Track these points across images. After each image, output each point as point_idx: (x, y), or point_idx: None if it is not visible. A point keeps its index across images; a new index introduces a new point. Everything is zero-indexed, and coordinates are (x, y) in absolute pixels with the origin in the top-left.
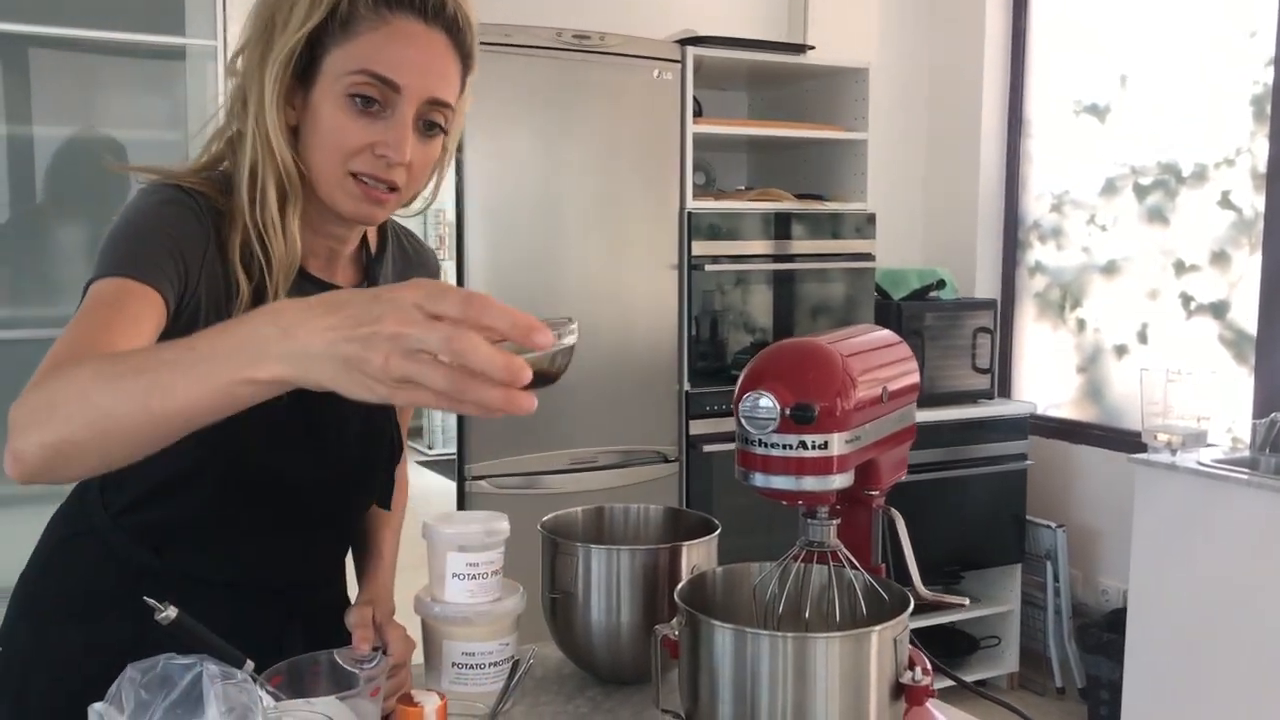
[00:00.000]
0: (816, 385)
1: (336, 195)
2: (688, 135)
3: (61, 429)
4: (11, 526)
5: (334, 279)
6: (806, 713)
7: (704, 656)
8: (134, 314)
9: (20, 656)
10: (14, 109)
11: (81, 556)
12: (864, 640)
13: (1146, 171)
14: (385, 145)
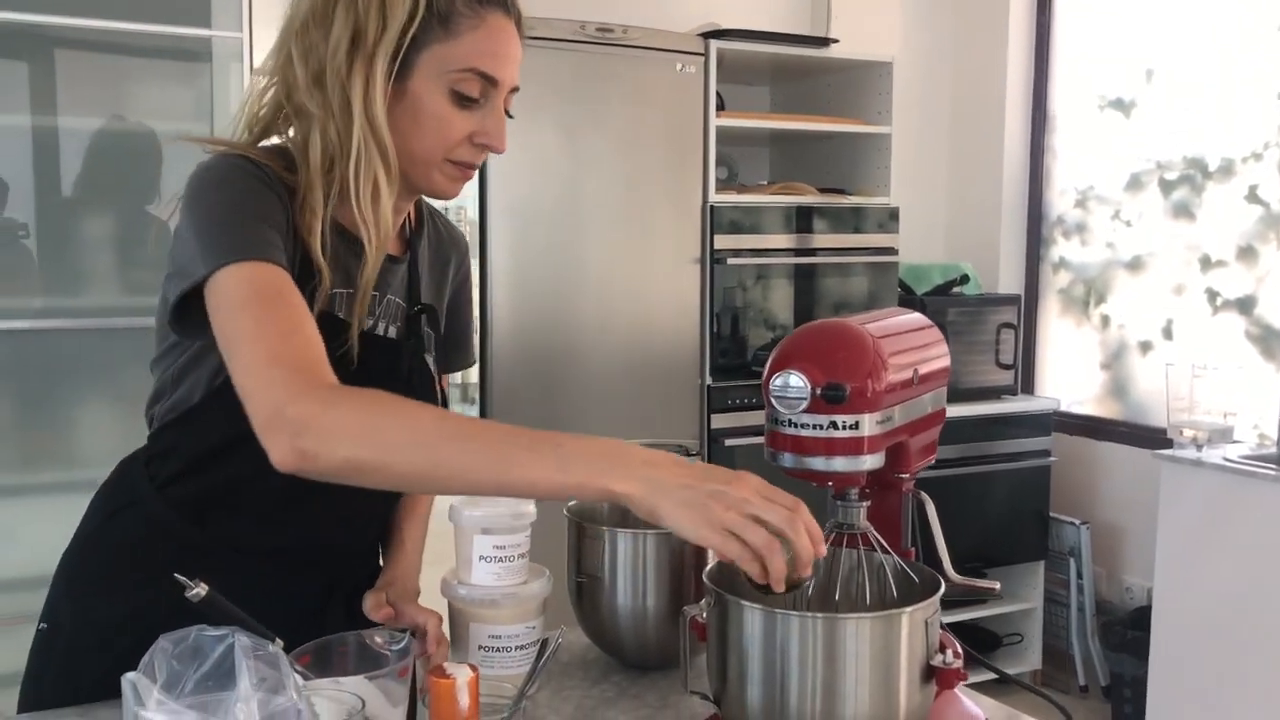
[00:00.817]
0: (847, 365)
1: (433, 177)
2: (710, 129)
3: (384, 457)
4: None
5: (391, 250)
6: (836, 694)
7: (733, 638)
8: (305, 309)
9: (66, 631)
10: (39, 101)
11: (126, 530)
12: (895, 622)
13: (1172, 166)
14: (486, 135)
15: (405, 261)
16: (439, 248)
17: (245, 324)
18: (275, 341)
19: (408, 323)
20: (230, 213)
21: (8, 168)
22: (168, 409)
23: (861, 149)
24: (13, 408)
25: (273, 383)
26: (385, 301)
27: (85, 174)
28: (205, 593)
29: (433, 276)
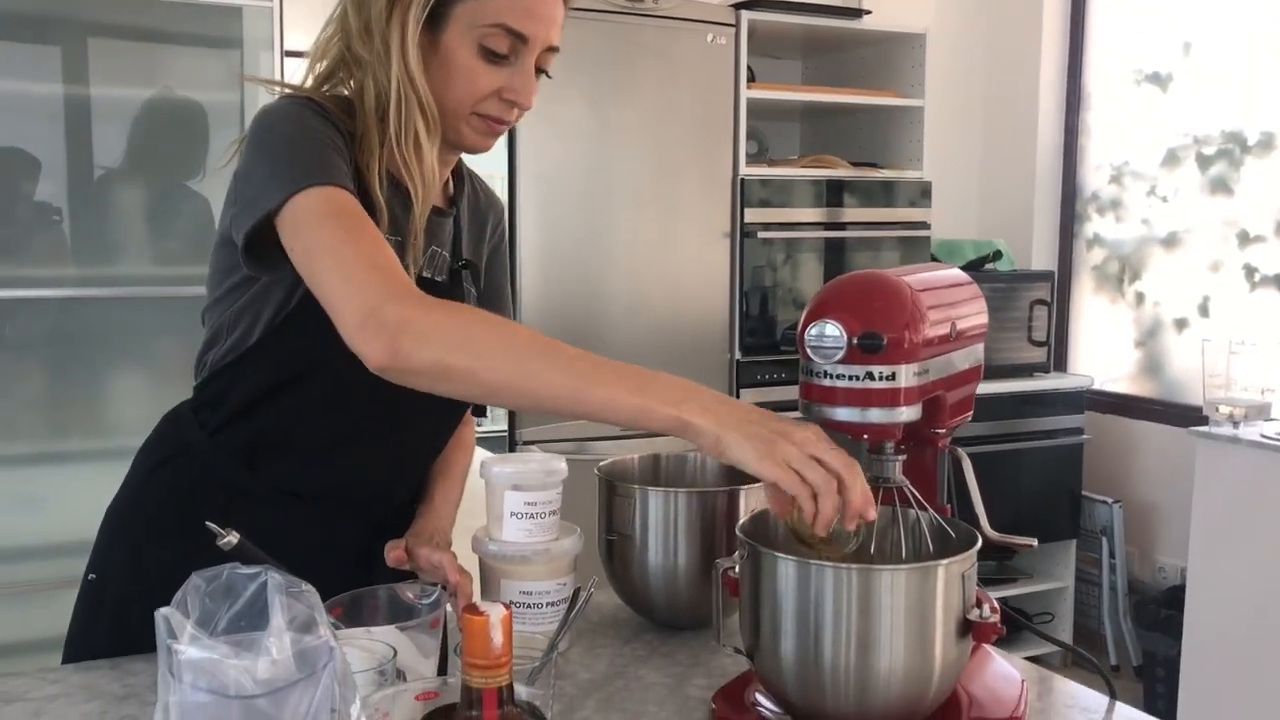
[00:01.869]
0: (885, 315)
1: (462, 129)
2: (741, 101)
3: (473, 363)
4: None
5: (436, 203)
6: (871, 647)
7: (766, 591)
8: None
9: (116, 580)
10: (71, 70)
11: (176, 478)
12: (931, 574)
13: (1210, 141)
14: (514, 91)
15: (451, 215)
16: (477, 208)
17: (336, 233)
18: (370, 247)
19: (451, 276)
20: (302, 143)
21: (41, 142)
22: (224, 353)
23: (894, 122)
24: (44, 377)
25: (371, 283)
26: (430, 252)
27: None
28: (237, 541)
29: (472, 234)
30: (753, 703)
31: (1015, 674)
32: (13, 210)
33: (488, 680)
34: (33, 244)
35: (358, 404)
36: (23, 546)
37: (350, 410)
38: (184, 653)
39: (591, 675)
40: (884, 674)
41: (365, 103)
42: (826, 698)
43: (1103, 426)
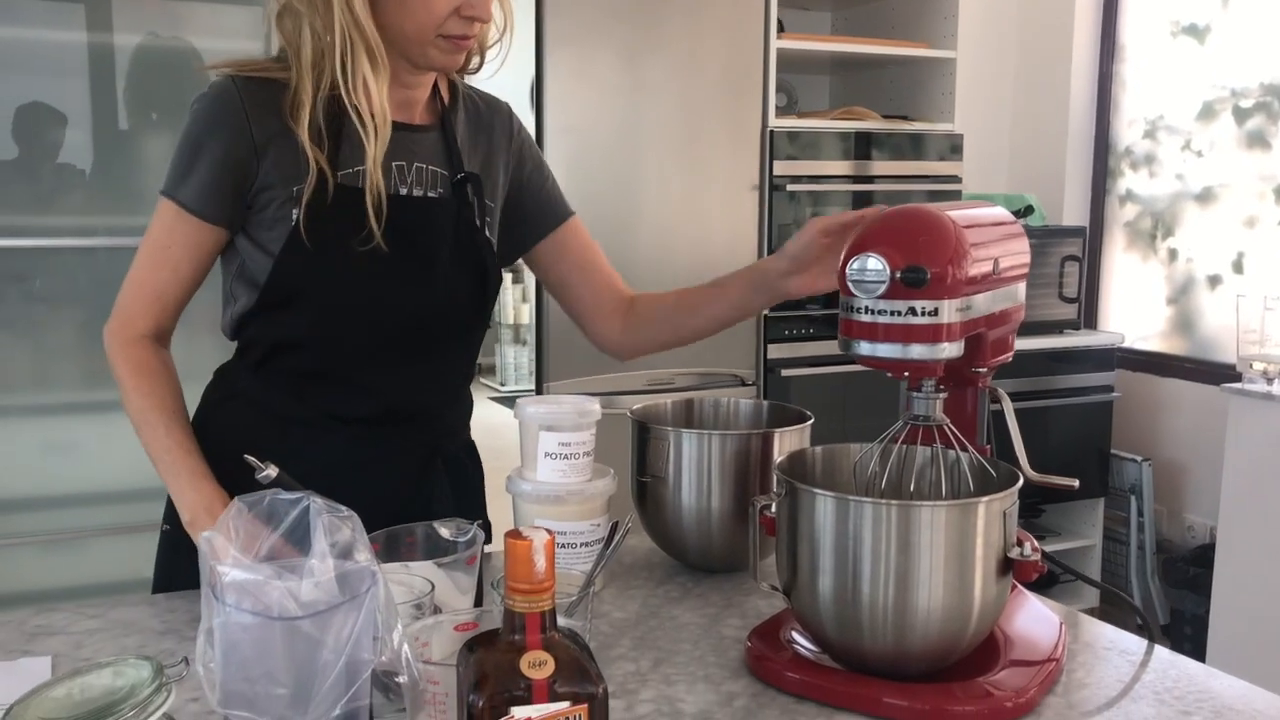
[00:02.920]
0: (929, 249)
1: (429, 53)
2: (771, 52)
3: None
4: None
5: (413, 121)
6: (910, 584)
7: (804, 528)
8: (176, 260)
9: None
10: (95, 18)
11: (232, 417)
12: (971, 511)
13: (1248, 94)
14: (470, 7)
15: (435, 130)
16: (477, 118)
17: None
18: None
19: (453, 188)
20: (183, 151)
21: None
22: (239, 311)
23: (925, 74)
24: (75, 327)
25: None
26: (415, 169)
27: (140, 98)
28: (275, 474)
29: (476, 146)
30: (789, 640)
31: (1053, 616)
32: (40, 162)
33: (531, 605)
34: (60, 195)
35: (379, 329)
36: (56, 494)
37: (374, 336)
38: (228, 574)
39: (625, 615)
40: (923, 612)
41: (302, 54)
42: (864, 636)
43: (1133, 384)
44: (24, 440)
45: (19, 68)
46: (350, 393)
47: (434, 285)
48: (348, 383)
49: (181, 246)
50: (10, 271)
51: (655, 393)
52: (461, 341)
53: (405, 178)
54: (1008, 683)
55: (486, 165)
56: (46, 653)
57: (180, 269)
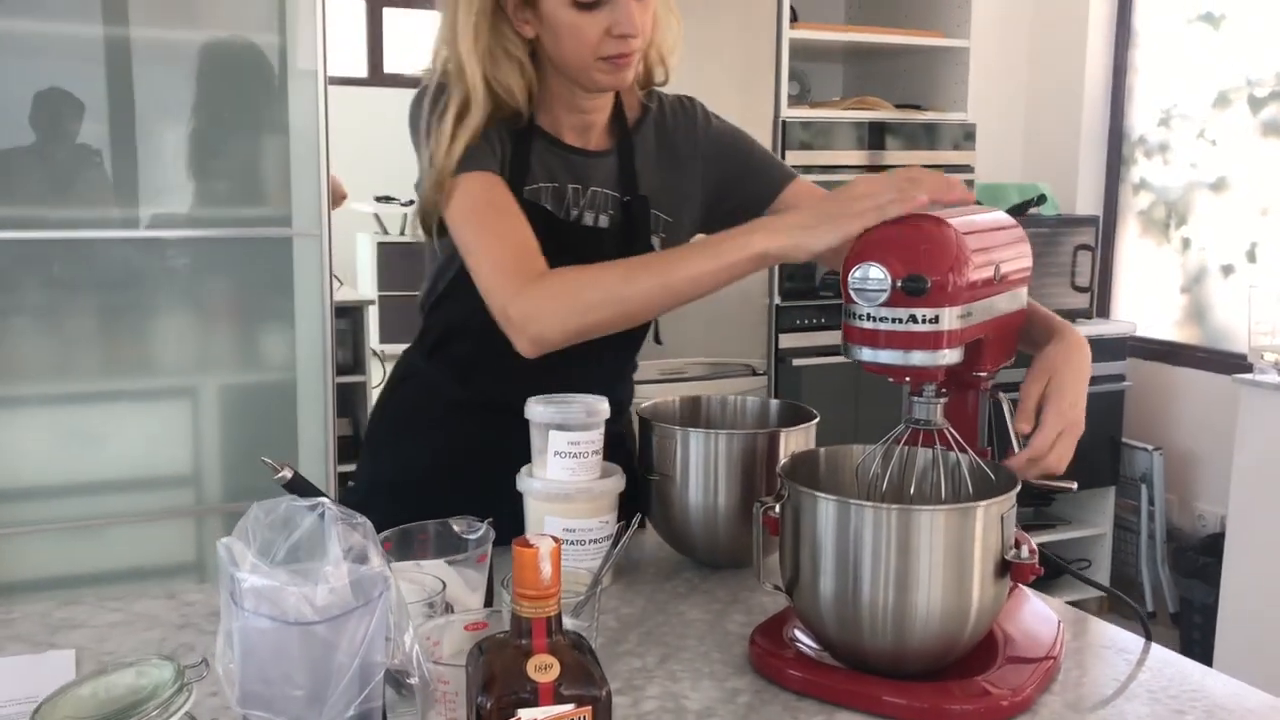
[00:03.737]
0: (929, 258)
1: (593, 76)
2: (783, 41)
3: (586, 317)
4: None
5: (587, 146)
6: (909, 586)
7: (806, 530)
8: (515, 207)
9: (364, 487)
10: (111, 11)
11: (408, 393)
12: (969, 515)
13: (1263, 82)
14: (618, 26)
15: (611, 155)
16: (663, 132)
17: (469, 236)
18: (507, 248)
19: (623, 210)
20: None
21: (84, 81)
22: (428, 294)
23: (938, 63)
24: (97, 316)
25: (494, 289)
26: (590, 193)
27: (158, 87)
28: (290, 475)
29: (663, 159)
30: (791, 638)
31: (1052, 615)
32: (58, 151)
33: (537, 610)
34: (77, 185)
35: None
36: (77, 482)
37: None
38: (246, 580)
39: (633, 610)
40: (921, 613)
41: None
42: (864, 635)
43: (1144, 373)
44: (45, 429)
45: (37, 59)
46: (510, 382)
47: None
48: (508, 373)
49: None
50: (30, 261)
51: (668, 382)
52: (619, 344)
53: (579, 200)
54: (1005, 681)
55: (674, 176)
56: (70, 646)
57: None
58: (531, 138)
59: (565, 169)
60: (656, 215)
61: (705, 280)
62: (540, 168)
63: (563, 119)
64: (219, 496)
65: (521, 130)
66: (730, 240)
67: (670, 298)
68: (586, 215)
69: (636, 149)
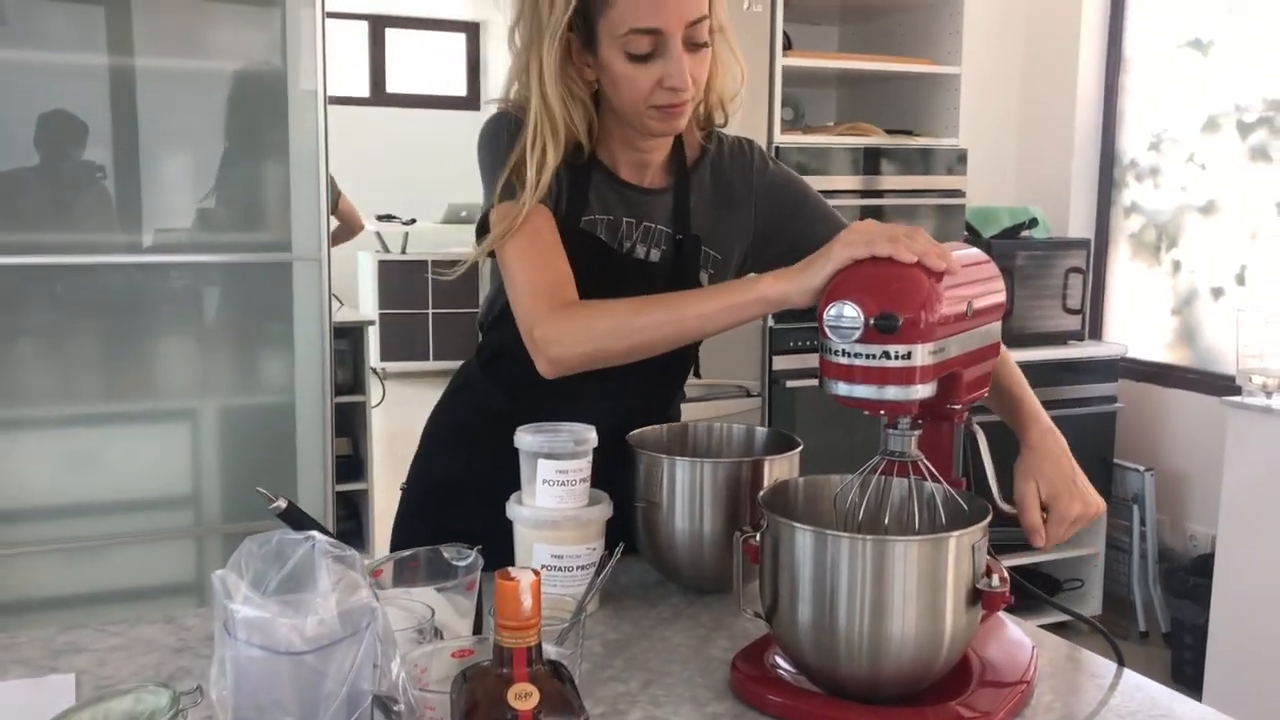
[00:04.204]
0: (901, 297)
1: (645, 122)
2: (777, 68)
3: (600, 345)
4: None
5: (643, 183)
6: (884, 614)
7: (785, 559)
8: (556, 240)
9: (417, 489)
10: (116, 42)
11: (458, 407)
12: (942, 545)
13: (1251, 108)
14: (670, 78)
15: (668, 193)
16: (720, 172)
17: (512, 261)
18: (538, 276)
19: (675, 247)
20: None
21: (88, 107)
22: (487, 312)
23: (930, 90)
24: (98, 339)
25: (525, 311)
26: (643, 227)
27: (162, 114)
28: (285, 505)
29: (718, 198)
30: (772, 664)
31: (1026, 640)
32: (62, 175)
33: (517, 640)
34: (80, 209)
35: None
36: (80, 503)
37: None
38: (239, 612)
39: (619, 636)
40: (896, 640)
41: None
42: (841, 662)
43: (1136, 394)
44: (48, 451)
45: (43, 84)
46: (557, 403)
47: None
48: (555, 393)
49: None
50: (33, 285)
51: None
52: (667, 374)
53: (633, 233)
54: (979, 705)
55: (728, 214)
56: (71, 670)
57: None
58: (590, 172)
59: (621, 203)
60: (707, 252)
61: (713, 319)
62: (597, 201)
63: (620, 156)
64: (218, 518)
65: (580, 165)
66: (740, 284)
67: (679, 333)
68: (639, 249)
69: (693, 188)
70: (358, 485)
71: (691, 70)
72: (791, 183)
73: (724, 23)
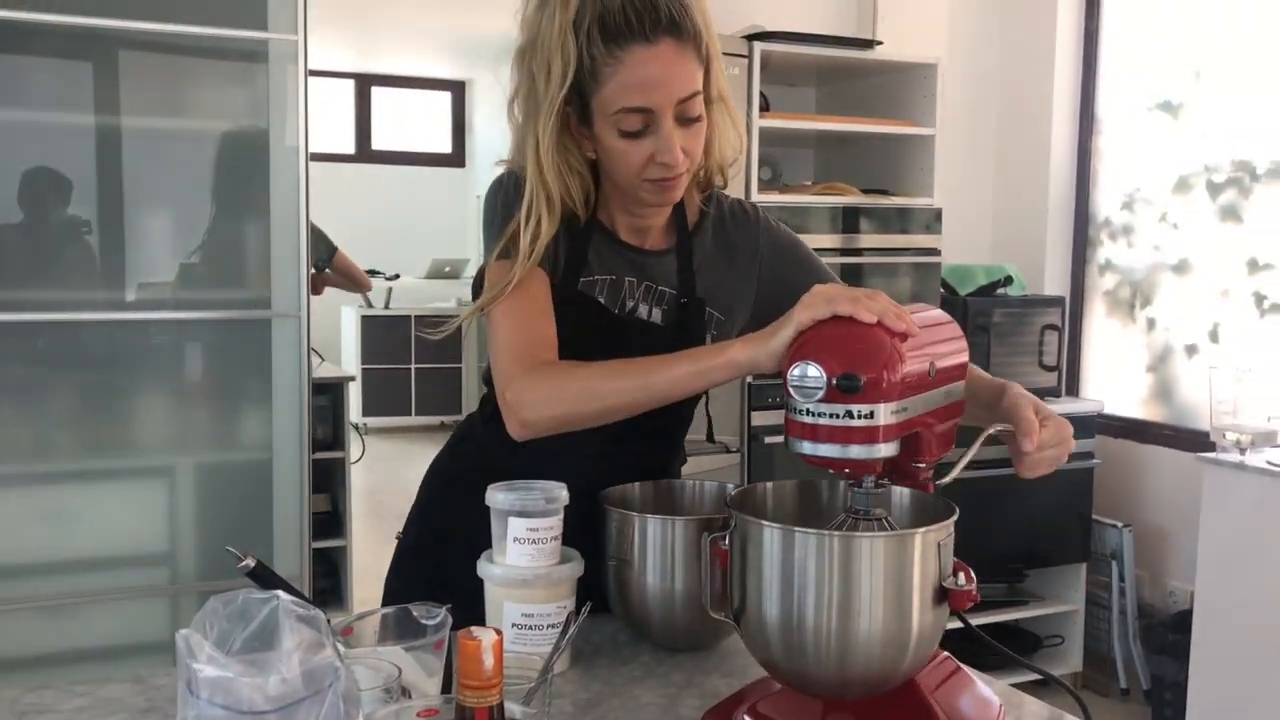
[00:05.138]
0: (863, 357)
1: (639, 195)
2: (754, 129)
3: (570, 409)
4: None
5: (644, 245)
6: (851, 611)
7: (752, 557)
8: (545, 303)
9: (412, 539)
10: (103, 102)
11: (461, 456)
12: (907, 541)
13: (1220, 169)
14: (661, 153)
15: (670, 254)
16: (723, 235)
17: (496, 320)
18: (517, 338)
19: (679, 310)
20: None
21: (72, 165)
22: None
23: (906, 150)
24: (76, 396)
25: (500, 373)
26: (644, 286)
27: (145, 172)
28: (254, 564)
29: (720, 261)
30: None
31: (993, 698)
32: (45, 231)
33: (479, 700)
34: (62, 266)
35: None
36: (54, 561)
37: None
38: (202, 671)
39: (589, 695)
40: (863, 638)
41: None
42: (809, 660)
43: (1113, 451)
44: (23, 508)
45: (28, 145)
46: (558, 458)
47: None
48: (556, 449)
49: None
50: (13, 341)
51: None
52: (665, 431)
53: (635, 293)
54: None
55: (731, 276)
56: None
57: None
58: (590, 232)
59: (623, 263)
60: (710, 313)
61: (682, 383)
62: (597, 261)
63: (620, 219)
64: (194, 575)
65: (584, 226)
66: (711, 348)
67: (648, 398)
68: (641, 308)
69: (695, 250)
70: (336, 542)
71: (685, 143)
72: (796, 244)
73: (723, 92)
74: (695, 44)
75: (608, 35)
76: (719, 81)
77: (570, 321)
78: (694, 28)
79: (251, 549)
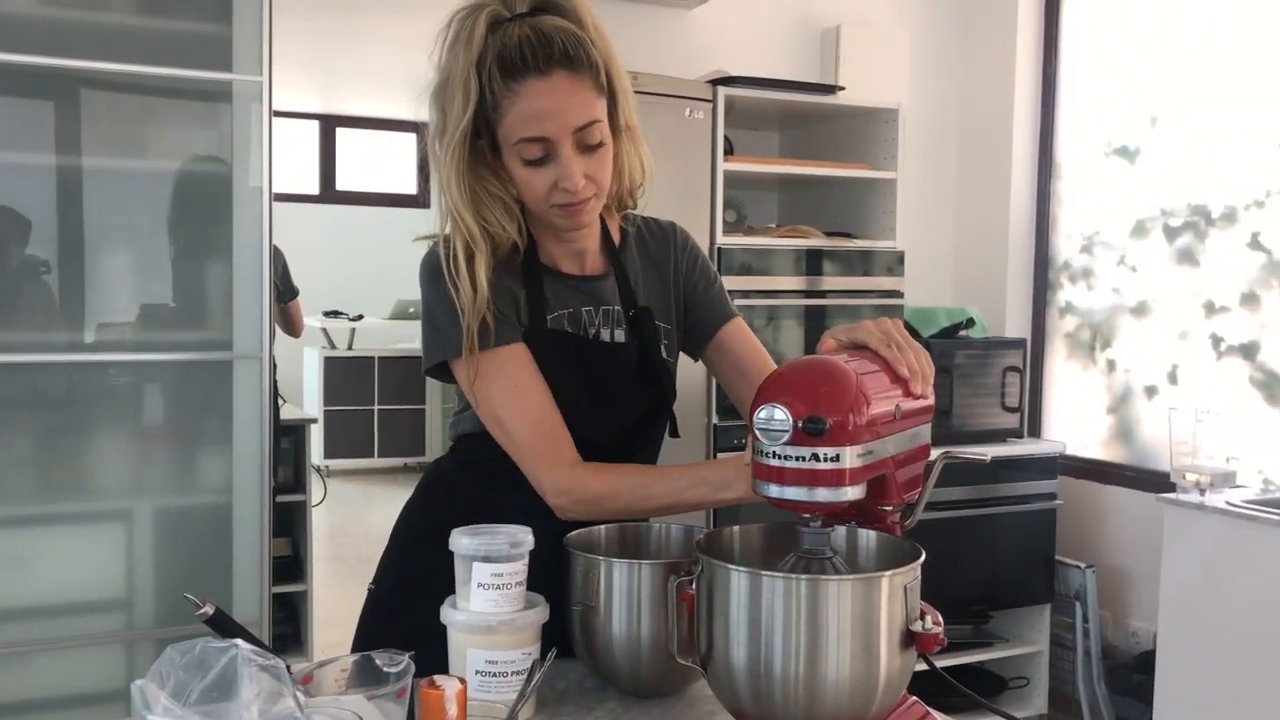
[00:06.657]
0: (829, 400)
1: (551, 221)
2: (718, 173)
3: (606, 507)
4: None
5: (584, 271)
6: (819, 655)
7: (719, 602)
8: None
9: (385, 587)
10: (64, 142)
11: (434, 497)
12: (875, 585)
13: (1176, 213)
14: (562, 180)
15: (609, 276)
16: (646, 251)
17: (501, 415)
18: (529, 422)
19: (631, 325)
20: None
21: (32, 205)
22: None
23: (868, 194)
24: (32, 439)
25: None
26: (602, 311)
27: (106, 212)
28: (213, 611)
29: (650, 275)
30: None
31: None
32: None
33: None
34: (21, 307)
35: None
36: (8, 608)
37: None
38: None
39: None
40: (831, 682)
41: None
42: (777, 706)
43: (1075, 492)
44: None
45: None
46: (534, 494)
47: (611, 412)
48: (530, 488)
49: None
50: None
51: None
52: (638, 455)
53: (594, 320)
54: None
55: (660, 289)
56: None
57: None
58: (540, 275)
59: (575, 295)
60: (657, 324)
61: (694, 507)
62: (555, 298)
63: (556, 251)
64: (151, 622)
65: (532, 270)
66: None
67: (671, 509)
68: (604, 332)
69: (627, 268)
70: (297, 586)
71: (588, 170)
72: (706, 266)
73: (630, 122)
74: (593, 75)
75: (505, 70)
76: (626, 113)
77: (547, 356)
78: (589, 60)
79: (210, 593)
